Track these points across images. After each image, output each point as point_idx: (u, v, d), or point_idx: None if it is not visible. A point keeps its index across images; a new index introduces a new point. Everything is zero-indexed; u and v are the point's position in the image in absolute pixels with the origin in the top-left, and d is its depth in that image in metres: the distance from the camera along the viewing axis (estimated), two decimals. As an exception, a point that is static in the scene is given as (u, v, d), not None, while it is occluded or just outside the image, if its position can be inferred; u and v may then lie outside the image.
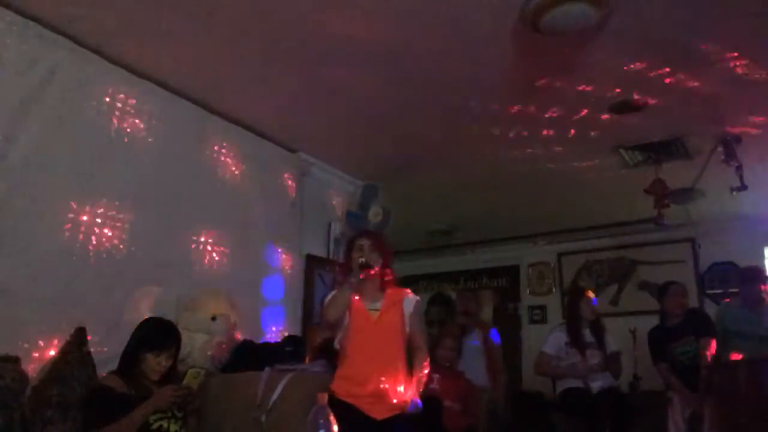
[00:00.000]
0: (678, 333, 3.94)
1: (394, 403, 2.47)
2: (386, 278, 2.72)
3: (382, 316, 2.62)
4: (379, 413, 2.44)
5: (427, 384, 3.63)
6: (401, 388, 2.50)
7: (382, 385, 2.47)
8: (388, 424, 2.44)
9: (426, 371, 2.65)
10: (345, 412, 2.34)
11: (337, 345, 2.68)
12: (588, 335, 4.00)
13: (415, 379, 2.56)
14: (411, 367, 2.62)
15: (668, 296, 4.06)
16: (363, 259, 2.58)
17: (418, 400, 2.49)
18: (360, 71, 3.16)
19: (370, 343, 2.56)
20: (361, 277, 2.58)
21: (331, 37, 2.84)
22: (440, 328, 4.26)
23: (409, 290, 2.78)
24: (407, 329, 2.67)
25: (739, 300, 4.19)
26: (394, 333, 2.62)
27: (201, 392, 2.57)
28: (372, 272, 2.61)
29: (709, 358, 3.75)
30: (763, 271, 4.25)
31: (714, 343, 3.80)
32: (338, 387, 2.49)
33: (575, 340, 3.94)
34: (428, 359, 2.71)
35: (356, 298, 2.64)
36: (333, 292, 2.69)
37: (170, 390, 2.36)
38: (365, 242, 2.69)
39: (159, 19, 2.70)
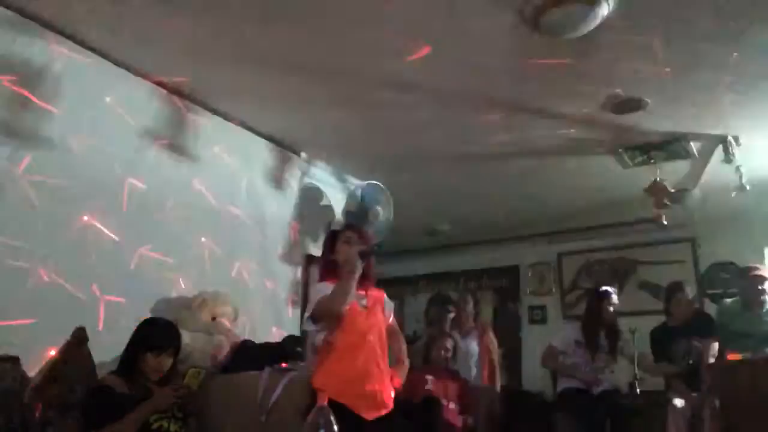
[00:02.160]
0: (680, 333, 3.94)
1: (384, 402, 2.44)
2: (369, 276, 2.62)
3: (370, 313, 2.56)
4: (370, 413, 2.39)
5: (421, 386, 3.64)
6: (390, 388, 2.49)
7: (375, 384, 2.42)
8: (379, 423, 2.42)
9: (406, 360, 2.65)
10: (334, 412, 2.31)
11: (318, 342, 2.56)
12: (602, 338, 3.97)
13: (397, 379, 2.55)
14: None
15: (673, 304, 4.07)
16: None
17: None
18: (359, 72, 3.16)
19: (363, 339, 2.48)
20: (360, 265, 2.45)
21: (330, 38, 2.84)
22: (440, 328, 4.26)
23: (382, 290, 2.71)
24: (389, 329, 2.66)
25: (739, 300, 4.20)
26: (382, 331, 2.58)
27: (201, 392, 2.56)
28: (369, 262, 2.53)
29: (710, 359, 3.75)
30: (762, 270, 4.24)
31: (716, 344, 3.81)
32: (326, 386, 2.32)
33: (590, 341, 3.91)
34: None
35: None
36: (324, 284, 2.55)
37: (170, 390, 2.36)
38: (352, 234, 2.64)
39: (159, 20, 2.70)
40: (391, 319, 2.69)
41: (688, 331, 3.91)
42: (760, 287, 3.99)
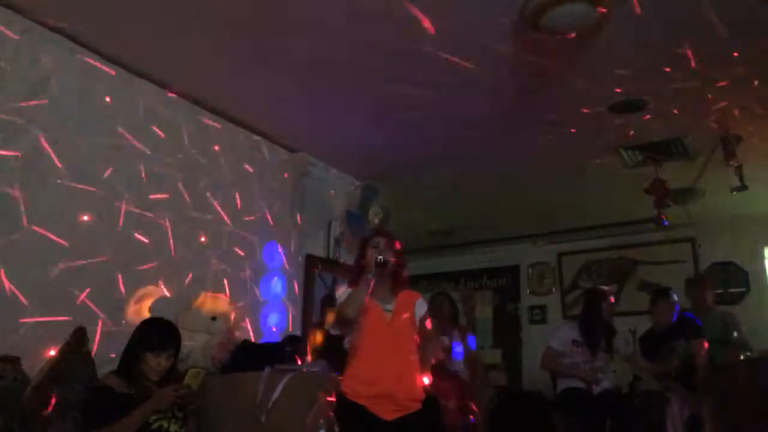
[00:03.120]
0: (666, 338, 3.99)
1: (404, 404, 2.45)
2: (399, 279, 2.68)
3: (395, 317, 2.58)
4: (388, 414, 2.41)
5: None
6: (413, 388, 2.50)
7: (392, 386, 2.44)
8: (397, 425, 2.42)
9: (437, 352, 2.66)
10: (354, 413, 2.32)
11: (346, 345, 2.62)
12: (600, 337, 3.98)
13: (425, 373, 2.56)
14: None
15: (657, 311, 4.15)
16: (381, 257, 2.53)
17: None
18: (359, 71, 3.16)
19: (383, 343, 2.51)
20: (378, 274, 2.51)
21: (329, 38, 2.84)
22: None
23: (419, 293, 2.75)
24: (418, 332, 2.65)
25: (689, 309, 4.38)
26: (406, 334, 2.59)
27: (201, 392, 2.56)
28: (388, 269, 2.56)
29: (705, 359, 3.79)
30: (706, 278, 4.62)
31: (706, 344, 3.87)
32: (348, 387, 2.44)
33: (589, 341, 3.93)
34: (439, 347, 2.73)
35: (369, 297, 2.57)
36: (345, 290, 2.62)
37: (170, 390, 2.35)
38: (381, 240, 2.67)
39: (159, 20, 2.70)
40: (420, 325, 2.68)
41: (673, 336, 3.95)
42: (707, 293, 4.35)
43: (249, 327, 3.56)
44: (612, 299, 4.11)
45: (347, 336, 2.61)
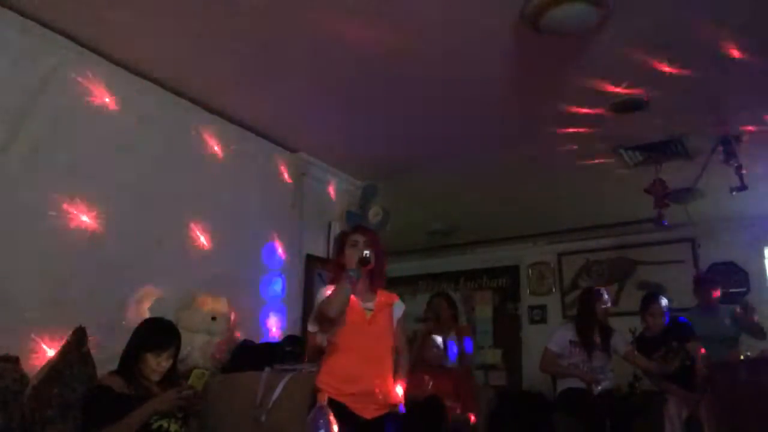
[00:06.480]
0: (659, 342, 4.00)
1: (384, 403, 2.45)
2: (378, 278, 2.65)
3: (375, 316, 2.57)
4: (368, 412, 2.41)
5: (421, 387, 3.64)
6: (391, 388, 2.49)
7: (372, 384, 2.44)
8: (377, 423, 2.43)
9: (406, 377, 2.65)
10: (333, 411, 2.33)
11: (323, 342, 2.59)
12: (596, 336, 3.99)
13: (401, 382, 2.55)
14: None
15: (648, 315, 4.16)
16: (367, 253, 2.49)
17: (402, 405, 2.50)
18: (360, 72, 3.16)
19: (363, 341, 2.50)
20: (361, 271, 2.49)
21: (331, 38, 2.84)
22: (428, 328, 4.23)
23: (396, 295, 2.73)
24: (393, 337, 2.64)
25: (696, 306, 4.42)
26: (386, 334, 2.59)
27: (201, 392, 2.56)
28: (371, 267, 2.52)
29: (703, 359, 3.80)
30: (716, 277, 4.59)
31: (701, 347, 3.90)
32: (326, 385, 2.40)
33: (585, 341, 3.93)
34: (410, 364, 2.73)
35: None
36: (327, 288, 2.58)
37: (173, 393, 2.35)
38: (360, 238, 2.64)
39: (159, 19, 2.70)
40: (396, 327, 2.65)
41: (667, 339, 3.96)
42: (713, 291, 4.33)
43: (249, 327, 3.56)
44: (607, 298, 4.12)
45: (325, 333, 2.56)
